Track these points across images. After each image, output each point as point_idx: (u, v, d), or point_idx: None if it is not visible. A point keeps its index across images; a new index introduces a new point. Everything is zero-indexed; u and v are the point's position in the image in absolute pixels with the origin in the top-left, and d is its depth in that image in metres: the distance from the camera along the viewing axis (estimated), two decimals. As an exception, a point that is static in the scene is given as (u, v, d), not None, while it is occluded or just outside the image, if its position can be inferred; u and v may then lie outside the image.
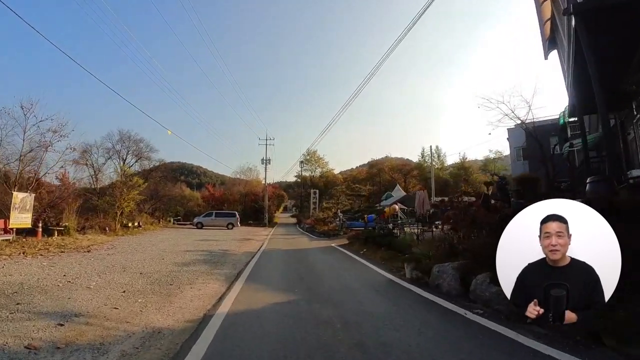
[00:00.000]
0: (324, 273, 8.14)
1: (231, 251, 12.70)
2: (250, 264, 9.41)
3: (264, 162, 45.35)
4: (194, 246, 14.03)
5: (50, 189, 19.55)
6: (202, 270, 8.13)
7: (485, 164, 69.01)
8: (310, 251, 13.86)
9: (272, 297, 5.62)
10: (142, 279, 6.91)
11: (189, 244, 15.05)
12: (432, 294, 5.75)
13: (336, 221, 27.30)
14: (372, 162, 62.68)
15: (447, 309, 4.91)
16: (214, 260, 9.91)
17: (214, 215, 32.02)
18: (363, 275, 7.94)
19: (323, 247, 15.02)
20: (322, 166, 59.68)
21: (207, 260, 10.01)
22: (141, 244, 14.70)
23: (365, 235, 14.02)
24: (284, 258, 11.43)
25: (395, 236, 12.73)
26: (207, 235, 22.02)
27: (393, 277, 7.39)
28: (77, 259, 9.76)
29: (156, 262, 9.36)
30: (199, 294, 5.78)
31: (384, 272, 8.07)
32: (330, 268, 9.02)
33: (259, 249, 14.12)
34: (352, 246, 14.02)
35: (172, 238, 18.47)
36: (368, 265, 9.16)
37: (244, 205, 46.22)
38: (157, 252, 11.75)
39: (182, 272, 7.79)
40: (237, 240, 17.79)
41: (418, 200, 14.90)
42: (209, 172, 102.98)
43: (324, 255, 12.14)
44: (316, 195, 44.69)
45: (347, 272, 8.41)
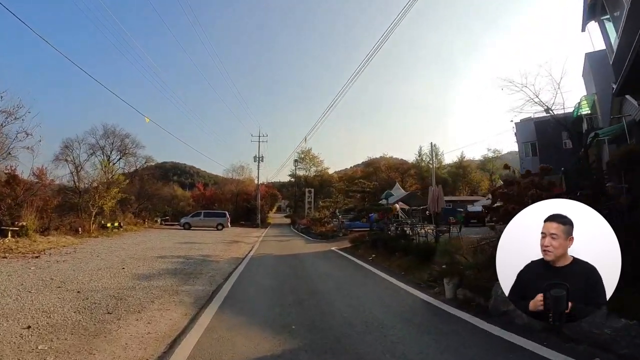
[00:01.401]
0: (329, 292, 6.01)
1: (214, 257, 10.59)
2: (232, 277, 7.33)
3: (256, 160, 43.01)
4: (171, 250, 11.91)
5: (27, 186, 17.41)
6: (166, 287, 6.06)
7: (483, 163, 68.07)
8: (308, 257, 11.65)
9: (255, 342, 3.53)
10: (73, 302, 4.83)
11: (167, 247, 12.92)
12: (503, 328, 3.79)
13: (334, 221, 25.24)
14: (368, 160, 61.00)
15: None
16: (188, 271, 7.82)
17: (202, 215, 29.79)
18: (385, 294, 5.88)
19: (322, 252, 12.95)
20: (316, 165, 57.52)
21: (179, 270, 7.93)
22: (111, 247, 12.56)
23: (373, 237, 11.97)
24: (277, 267, 9.29)
25: (410, 238, 10.73)
26: (193, 236, 19.87)
27: (427, 297, 5.40)
28: (14, 267, 7.64)
29: (112, 273, 7.26)
30: (143, 334, 3.72)
31: (410, 288, 6.06)
32: (337, 283, 6.87)
33: (248, 254, 12.04)
34: (357, 250, 12.01)
35: (152, 240, 16.31)
36: (385, 278, 7.13)
37: (236, 205, 43.98)
38: (122, 258, 9.63)
39: (138, 290, 5.72)
40: (224, 243, 15.68)
41: (432, 196, 12.89)
42: (202, 172, 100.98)
43: (326, 264, 10.04)
44: (311, 194, 42.37)
45: (361, 289, 6.35)
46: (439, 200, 13.21)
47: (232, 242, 16.38)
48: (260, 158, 42.73)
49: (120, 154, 34.30)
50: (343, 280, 7.18)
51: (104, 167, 26.36)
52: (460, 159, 65.55)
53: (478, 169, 68.08)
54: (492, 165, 63.17)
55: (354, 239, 13.42)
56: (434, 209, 13.06)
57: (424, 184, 49.33)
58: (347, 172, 64.42)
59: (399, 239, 10.41)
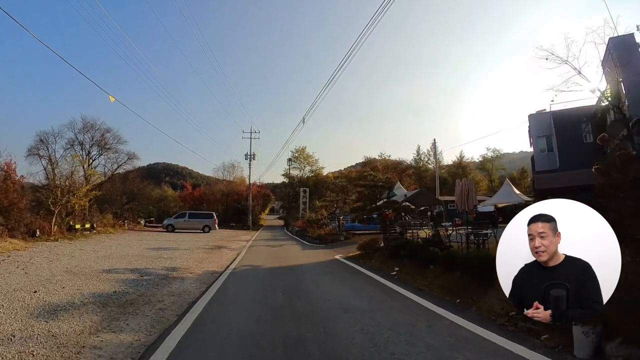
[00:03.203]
0: (360, 352, 3.16)
1: (182, 271, 7.96)
2: (193, 311, 4.67)
3: (247, 158, 40.05)
4: (131, 261, 9.26)
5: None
6: (66, 339, 3.45)
7: (482, 163, 66.03)
8: (309, 272, 8.52)
9: None
10: None
11: (130, 255, 10.26)
12: None
13: (333, 223, 22.61)
14: (365, 160, 58.30)
15: None
16: (131, 298, 5.22)
17: (187, 217, 26.96)
18: (460, 348, 3.21)
19: (325, 263, 10.18)
20: (311, 164, 54.69)
21: (118, 296, 5.31)
22: (58, 255, 9.89)
23: (392, 244, 9.33)
24: (265, 291, 6.23)
25: (447, 246, 8.18)
26: (172, 240, 17.18)
27: (538, 355, 2.86)
28: None
29: (7, 300, 4.64)
30: None
31: (493, 335, 3.46)
32: (365, 326, 3.92)
33: (229, 265, 9.40)
34: (369, 260, 9.42)
35: (118, 245, 13.64)
36: (437, 312, 4.47)
37: (226, 205, 41.19)
38: (53, 273, 6.98)
39: (12, 346, 3.12)
40: (204, 250, 13.03)
41: (460, 191, 10.40)
42: (194, 173, 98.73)
43: (335, 283, 6.97)
44: (306, 194, 39.52)
45: (414, 339, 3.46)
46: (469, 196, 10.74)
47: (214, 248, 13.73)
48: (252, 156, 39.84)
49: (100, 149, 31.17)
50: (371, 319, 4.21)
51: (74, 161, 23.46)
52: (460, 159, 63.42)
53: (477, 169, 66.30)
54: (492, 165, 61.36)
55: (364, 245, 10.82)
56: (464, 207, 10.58)
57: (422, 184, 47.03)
58: (343, 173, 61.78)
59: (428, 246, 7.83)
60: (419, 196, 18.04)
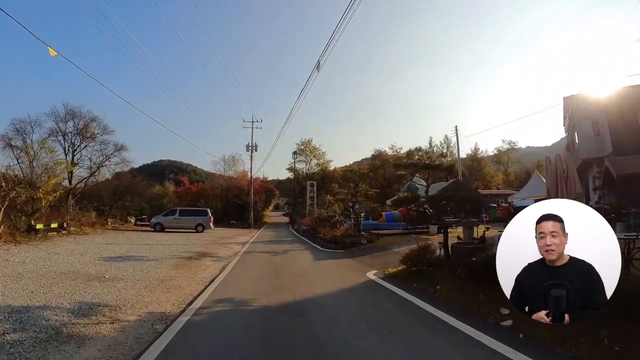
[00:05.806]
0: None
1: (103, 314, 4.28)
2: None
3: (249, 150, 36.22)
4: (41, 284, 5.60)
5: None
6: None
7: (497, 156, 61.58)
8: (334, 318, 4.39)
9: None
10: None
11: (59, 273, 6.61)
12: None
13: (348, 221, 18.80)
14: (375, 153, 54.13)
15: None
16: None
17: (177, 214, 23.29)
18: None
19: (358, 291, 6.18)
20: (318, 157, 50.71)
21: None
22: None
23: (476, 259, 5.22)
24: None
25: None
26: (149, 244, 13.59)
27: None
28: None
29: None
30: None
31: None
32: None
33: (198, 295, 5.64)
34: (434, 286, 5.52)
35: (69, 253, 10.11)
36: None
37: (226, 201, 37.56)
38: None
39: None
40: (178, 261, 9.36)
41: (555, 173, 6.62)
42: (199, 170, 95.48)
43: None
44: (313, 187, 35.46)
45: None
46: (568, 179, 6.94)
47: (193, 258, 10.03)
48: (253, 147, 36.04)
49: (82, 138, 27.58)
50: None
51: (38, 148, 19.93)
52: (475, 151, 59.19)
53: (492, 162, 62.17)
54: (507, 158, 57.25)
55: (410, 256, 6.97)
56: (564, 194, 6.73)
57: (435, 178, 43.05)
58: (351, 167, 57.77)
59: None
60: (458, 188, 14.15)
